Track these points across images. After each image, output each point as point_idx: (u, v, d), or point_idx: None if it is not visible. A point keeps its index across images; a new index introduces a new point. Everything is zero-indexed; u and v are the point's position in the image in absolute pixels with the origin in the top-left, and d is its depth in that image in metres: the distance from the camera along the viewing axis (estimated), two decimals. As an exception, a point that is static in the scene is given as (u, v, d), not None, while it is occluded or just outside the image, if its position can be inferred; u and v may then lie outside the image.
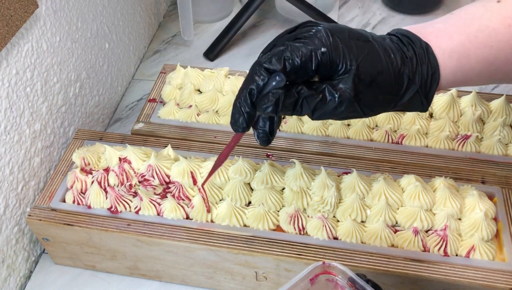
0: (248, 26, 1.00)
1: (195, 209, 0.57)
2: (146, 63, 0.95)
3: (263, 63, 0.40)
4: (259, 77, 0.40)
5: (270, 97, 0.39)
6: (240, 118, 0.42)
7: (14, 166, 0.60)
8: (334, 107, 0.40)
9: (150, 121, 0.70)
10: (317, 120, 0.42)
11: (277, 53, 0.40)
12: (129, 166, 0.59)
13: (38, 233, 0.60)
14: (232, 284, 0.60)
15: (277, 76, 0.39)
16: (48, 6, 0.63)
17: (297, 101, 0.40)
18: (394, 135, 0.66)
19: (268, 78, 0.40)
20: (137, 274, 0.63)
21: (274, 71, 0.39)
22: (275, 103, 0.39)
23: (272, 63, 0.39)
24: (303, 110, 0.41)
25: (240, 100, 0.41)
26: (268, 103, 0.39)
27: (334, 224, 0.56)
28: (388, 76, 0.41)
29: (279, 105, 0.39)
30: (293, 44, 0.40)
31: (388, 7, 1.03)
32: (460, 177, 0.61)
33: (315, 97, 0.40)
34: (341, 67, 0.40)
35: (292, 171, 0.57)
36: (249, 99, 0.41)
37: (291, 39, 0.41)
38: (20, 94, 0.59)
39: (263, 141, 0.45)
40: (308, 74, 0.40)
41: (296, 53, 0.39)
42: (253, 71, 0.41)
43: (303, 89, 0.40)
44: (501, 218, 0.56)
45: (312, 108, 0.40)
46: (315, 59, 0.39)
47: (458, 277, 0.51)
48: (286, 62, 0.39)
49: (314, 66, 0.40)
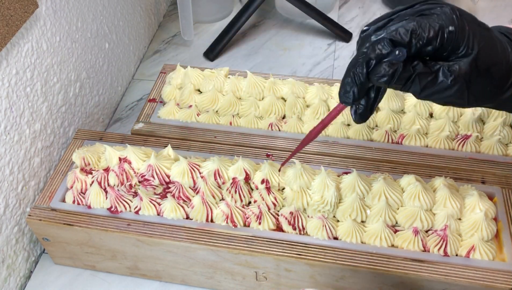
0: (248, 26, 1.00)
1: (195, 209, 0.57)
2: (146, 63, 0.95)
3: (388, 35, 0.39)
4: (382, 48, 0.39)
5: (388, 68, 0.38)
6: (353, 89, 0.41)
7: (14, 166, 0.60)
8: (444, 88, 0.40)
9: (150, 121, 0.70)
10: (422, 99, 0.41)
11: (403, 26, 0.39)
12: (129, 166, 0.59)
13: (38, 233, 0.60)
14: (232, 284, 0.60)
15: (400, 50, 0.38)
16: (48, 6, 0.63)
17: (410, 76, 0.39)
18: (394, 135, 0.66)
19: (391, 50, 0.39)
20: (137, 274, 0.63)
21: (399, 44, 0.39)
22: (392, 74, 0.39)
23: (399, 35, 0.38)
24: (412, 87, 0.40)
25: (355, 70, 0.40)
26: (385, 72, 0.39)
27: (334, 224, 0.56)
28: (500, 68, 0.41)
29: (395, 77, 0.39)
30: (421, 19, 0.39)
31: (388, 7, 1.03)
32: (460, 177, 0.61)
33: (427, 76, 0.39)
34: (462, 50, 0.39)
35: (292, 171, 0.57)
36: (366, 69, 0.40)
37: (414, 15, 0.40)
38: (20, 94, 0.59)
39: (361, 117, 0.43)
40: (429, 51, 0.39)
41: (424, 28, 0.38)
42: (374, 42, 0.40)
43: (418, 65, 0.39)
44: (501, 218, 0.56)
45: (422, 86, 0.40)
46: (441, 37, 0.38)
47: (458, 277, 0.51)
48: (413, 36, 0.38)
49: (438, 44, 0.39)
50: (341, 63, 0.92)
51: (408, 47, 0.39)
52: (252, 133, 0.67)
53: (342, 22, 1.00)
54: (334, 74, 0.90)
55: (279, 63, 0.93)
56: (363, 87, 0.41)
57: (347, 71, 0.41)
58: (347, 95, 0.41)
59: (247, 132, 0.67)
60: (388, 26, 0.40)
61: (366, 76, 0.40)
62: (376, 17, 0.42)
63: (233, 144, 0.66)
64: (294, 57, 0.94)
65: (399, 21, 0.40)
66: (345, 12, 1.04)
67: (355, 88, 0.41)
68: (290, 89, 0.70)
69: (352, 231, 0.55)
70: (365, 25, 0.42)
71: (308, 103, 0.70)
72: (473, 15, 0.41)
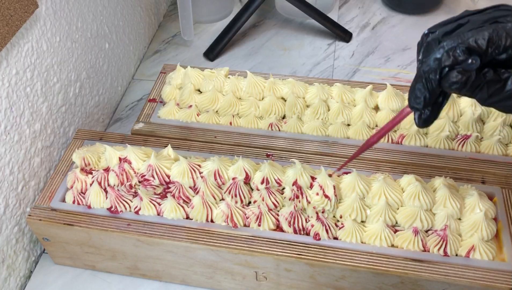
0: (248, 26, 1.00)
1: (195, 209, 0.57)
2: (146, 63, 0.95)
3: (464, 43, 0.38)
4: (459, 56, 0.38)
5: (461, 75, 0.38)
6: (425, 94, 0.40)
7: (14, 166, 0.60)
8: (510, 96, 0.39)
9: (150, 121, 0.70)
10: (486, 106, 0.41)
11: (481, 35, 0.38)
12: (129, 166, 0.59)
13: (38, 233, 0.60)
14: (232, 284, 0.60)
15: (474, 58, 0.38)
16: (48, 6, 0.63)
17: (480, 83, 0.39)
18: (394, 135, 0.66)
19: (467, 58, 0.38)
20: (137, 274, 0.63)
21: (475, 52, 0.38)
22: (465, 81, 0.38)
23: (477, 44, 0.38)
24: (480, 94, 0.39)
25: (428, 76, 0.39)
26: (458, 80, 0.38)
27: (334, 224, 0.56)
28: None
29: (468, 84, 0.38)
30: (498, 27, 0.38)
31: (388, 7, 1.03)
32: (460, 177, 0.61)
33: (496, 83, 0.39)
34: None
35: (292, 171, 0.57)
36: (439, 76, 0.39)
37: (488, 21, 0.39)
38: (20, 94, 0.59)
39: (426, 122, 0.43)
40: (501, 59, 0.39)
41: (501, 37, 0.38)
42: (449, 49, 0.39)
43: (489, 72, 0.39)
44: (501, 218, 0.56)
45: (490, 93, 0.39)
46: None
47: (458, 277, 0.51)
48: (490, 45, 0.38)
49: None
50: (341, 63, 0.92)
51: (484, 55, 0.38)
52: (252, 133, 0.67)
53: (342, 22, 1.00)
54: (334, 74, 0.90)
55: (279, 63, 0.93)
56: (435, 93, 0.40)
57: (419, 77, 0.40)
58: (418, 100, 0.41)
59: (247, 132, 0.67)
60: (462, 32, 0.39)
61: (439, 82, 0.39)
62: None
63: (233, 144, 0.66)
64: (294, 57, 0.94)
65: (472, 27, 0.39)
66: (345, 12, 1.04)
67: (427, 94, 0.40)
68: (290, 89, 0.70)
69: (352, 231, 0.55)
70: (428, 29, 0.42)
71: (308, 103, 0.70)
72: None
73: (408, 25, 1.00)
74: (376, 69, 0.91)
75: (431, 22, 1.00)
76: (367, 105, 0.68)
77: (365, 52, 0.94)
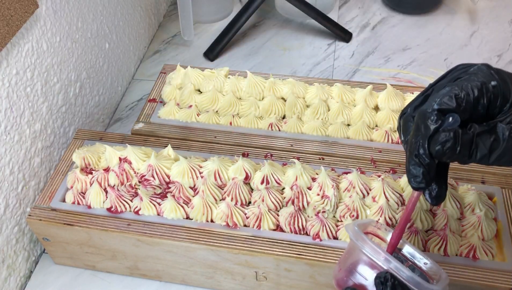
0: (248, 26, 1.01)
1: (195, 209, 0.57)
2: (146, 63, 0.95)
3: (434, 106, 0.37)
4: (432, 122, 0.37)
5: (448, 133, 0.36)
6: (421, 171, 0.38)
7: (14, 166, 0.60)
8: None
9: (150, 121, 0.70)
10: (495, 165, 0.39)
11: (447, 93, 0.37)
12: (129, 166, 0.59)
13: (38, 233, 0.60)
14: (232, 284, 0.60)
15: (451, 116, 0.37)
16: (48, 6, 0.63)
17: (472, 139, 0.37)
18: (394, 135, 0.66)
19: (442, 120, 0.37)
20: (137, 274, 0.63)
21: (447, 111, 0.37)
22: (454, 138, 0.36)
23: (445, 103, 0.37)
24: (479, 151, 0.37)
25: (417, 152, 0.38)
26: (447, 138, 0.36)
27: (334, 224, 0.56)
28: None
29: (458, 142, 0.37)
30: (461, 82, 0.38)
31: (388, 7, 1.03)
32: (460, 177, 0.61)
33: (488, 135, 0.37)
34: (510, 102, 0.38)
35: (292, 171, 0.57)
36: (428, 148, 0.38)
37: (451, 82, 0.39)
38: (20, 94, 0.59)
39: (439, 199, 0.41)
40: (479, 111, 0.38)
41: (466, 89, 0.37)
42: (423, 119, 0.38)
43: (473, 126, 0.37)
44: (501, 218, 0.56)
45: (489, 147, 0.37)
46: (486, 93, 0.37)
47: (458, 277, 0.51)
48: (458, 100, 0.37)
49: (486, 101, 0.37)
50: (341, 63, 0.92)
51: (457, 111, 0.37)
52: (252, 133, 0.67)
53: (342, 22, 1.00)
54: (334, 74, 0.90)
55: (279, 63, 0.93)
56: (432, 167, 0.39)
57: (409, 156, 0.39)
58: (418, 179, 0.39)
59: (247, 132, 0.67)
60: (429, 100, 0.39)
61: (430, 155, 0.38)
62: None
63: (233, 144, 0.66)
64: (294, 57, 0.94)
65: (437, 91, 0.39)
66: (345, 12, 1.04)
67: (423, 169, 0.38)
68: (290, 89, 0.70)
69: (352, 231, 0.55)
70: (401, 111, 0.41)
71: (308, 103, 0.70)
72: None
73: (408, 25, 1.00)
74: (376, 69, 0.91)
75: (431, 22, 1.00)
76: (367, 105, 0.68)
77: (365, 52, 0.94)
